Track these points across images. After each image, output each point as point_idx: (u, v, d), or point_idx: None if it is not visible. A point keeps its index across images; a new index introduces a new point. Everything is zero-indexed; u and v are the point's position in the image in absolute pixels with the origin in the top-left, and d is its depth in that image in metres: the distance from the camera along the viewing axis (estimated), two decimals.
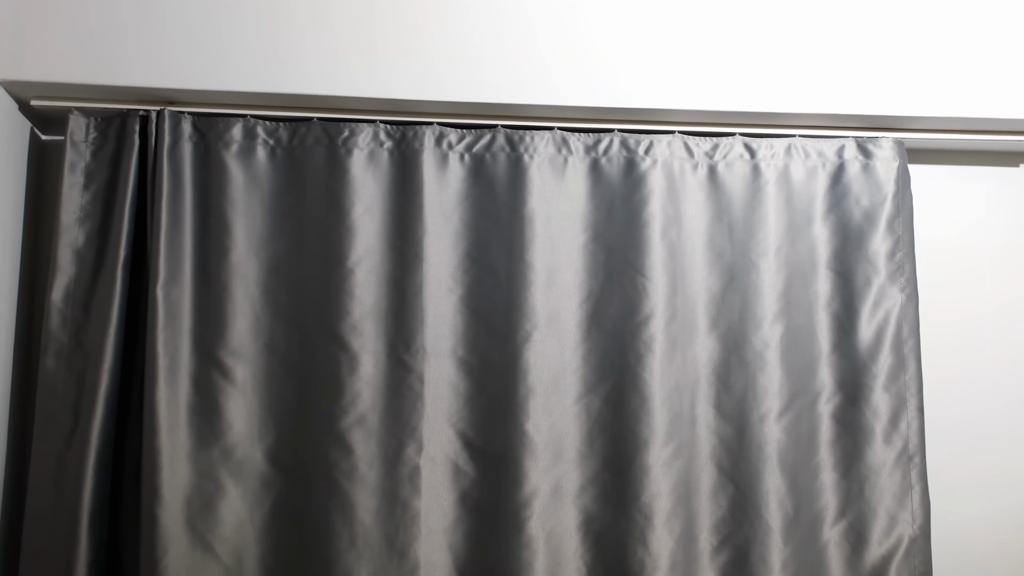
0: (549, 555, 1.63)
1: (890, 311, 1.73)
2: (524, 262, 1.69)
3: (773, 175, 1.76)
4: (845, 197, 1.77)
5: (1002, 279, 1.91)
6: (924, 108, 1.74)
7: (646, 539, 1.63)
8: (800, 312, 1.74)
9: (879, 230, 1.75)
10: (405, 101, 1.69)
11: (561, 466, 1.66)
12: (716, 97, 1.71)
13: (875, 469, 1.69)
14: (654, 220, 1.71)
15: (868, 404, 1.71)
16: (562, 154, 1.74)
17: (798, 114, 1.74)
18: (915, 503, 1.68)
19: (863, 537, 1.67)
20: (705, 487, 1.68)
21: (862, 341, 1.73)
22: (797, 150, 1.78)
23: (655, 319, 1.68)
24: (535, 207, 1.70)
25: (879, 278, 1.74)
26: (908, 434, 1.70)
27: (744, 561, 1.65)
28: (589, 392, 1.69)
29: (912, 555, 1.66)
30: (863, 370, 1.72)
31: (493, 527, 1.64)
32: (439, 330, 1.68)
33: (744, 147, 1.77)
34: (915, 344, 1.73)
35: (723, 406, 1.71)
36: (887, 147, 1.78)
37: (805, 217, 1.76)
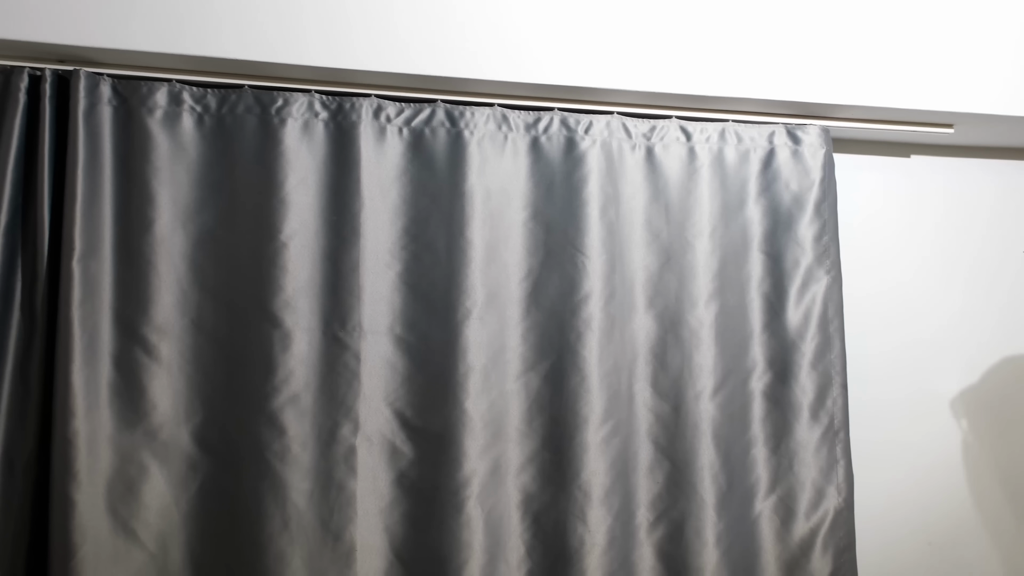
0: (489, 535, 1.66)
1: (817, 292, 1.84)
2: (464, 239, 1.71)
3: (708, 158, 1.84)
4: (775, 181, 1.86)
5: (912, 263, 2.06)
6: (847, 97, 1.85)
7: (585, 516, 1.68)
8: (733, 292, 1.82)
9: (807, 214, 1.86)
10: (342, 71, 1.69)
11: (500, 445, 1.69)
12: (654, 79, 1.78)
13: (803, 444, 1.79)
14: (593, 199, 1.77)
15: (797, 382, 1.81)
16: (502, 131, 1.77)
17: (731, 98, 1.83)
18: (840, 477, 1.79)
19: (792, 510, 1.77)
20: (642, 464, 1.75)
21: (791, 321, 1.83)
22: (730, 134, 1.86)
23: (594, 298, 1.74)
24: (475, 184, 1.73)
25: (807, 260, 1.85)
26: (834, 410, 1.81)
27: (680, 535, 1.73)
28: (529, 370, 1.73)
29: (837, 527, 1.78)
30: (792, 349, 1.82)
31: (431, 508, 1.66)
32: (376, 307, 1.69)
33: (680, 130, 1.85)
34: (840, 324, 1.84)
35: (660, 384, 1.78)
36: (814, 134, 1.89)
37: (738, 200, 1.85)
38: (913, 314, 2.05)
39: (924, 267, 2.07)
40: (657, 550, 1.73)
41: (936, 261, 2.08)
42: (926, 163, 2.10)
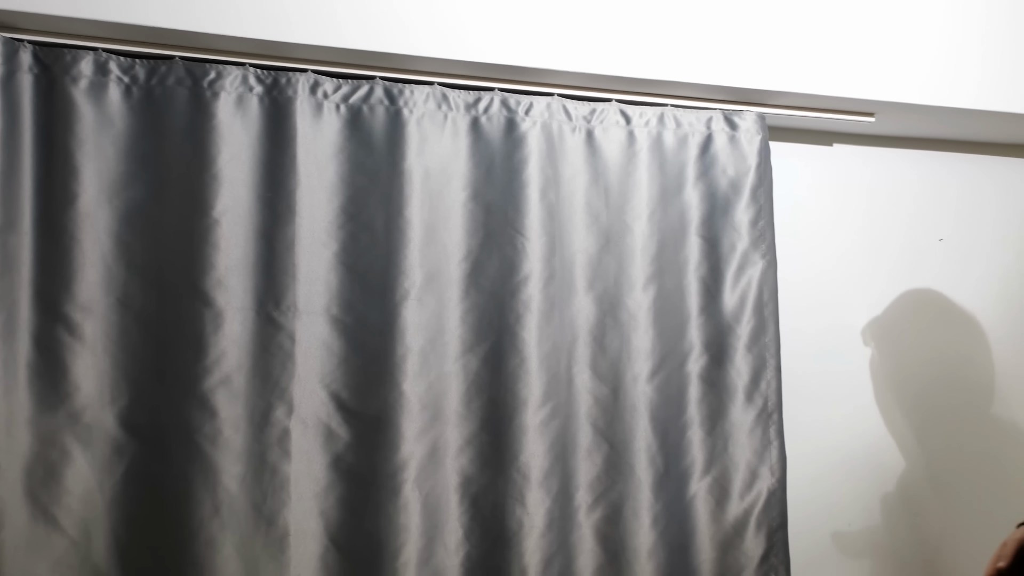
0: (427, 518, 1.67)
1: (753, 276, 1.89)
2: (403, 218, 1.71)
3: (647, 142, 1.88)
4: (713, 166, 1.91)
5: (837, 250, 2.14)
6: (776, 83, 1.92)
7: (524, 499, 1.70)
8: (671, 276, 1.86)
9: (743, 199, 1.91)
10: (277, 43, 1.68)
11: (438, 427, 1.70)
12: (594, 60, 1.81)
13: (738, 426, 1.84)
14: (533, 181, 1.79)
15: (732, 364, 1.86)
16: (442, 110, 1.77)
17: (670, 82, 1.86)
18: (773, 458, 1.85)
19: (727, 491, 1.82)
20: (581, 446, 1.78)
21: (727, 305, 1.88)
22: (669, 119, 1.90)
23: (534, 279, 1.76)
24: (414, 163, 1.73)
25: (743, 245, 1.90)
26: (768, 393, 1.87)
27: (618, 517, 1.76)
28: (467, 352, 1.74)
29: (771, 507, 1.83)
30: (728, 332, 1.87)
31: (368, 492, 1.66)
32: (312, 287, 1.68)
33: (620, 113, 1.88)
34: (774, 308, 1.90)
35: (598, 367, 1.81)
36: (750, 120, 1.94)
37: (676, 184, 1.89)
38: (838, 300, 2.13)
39: (849, 254, 2.15)
40: (595, 532, 1.76)
41: (861, 248, 2.16)
42: (849, 152, 2.18)
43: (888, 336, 2.15)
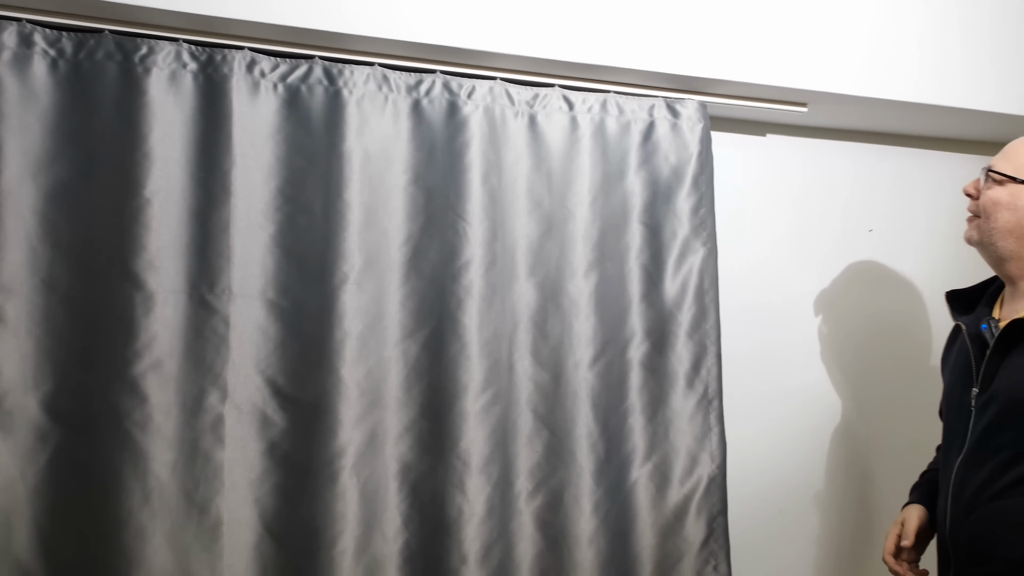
0: (364, 506, 1.66)
1: (694, 264, 1.93)
2: (342, 201, 1.70)
3: (589, 128, 1.90)
4: (655, 154, 1.94)
5: (771, 239, 2.19)
6: (710, 71, 1.95)
7: (464, 486, 1.71)
8: (613, 263, 1.88)
9: (685, 187, 1.94)
10: (212, 19, 1.65)
11: (377, 414, 1.70)
12: (537, 44, 1.82)
13: (679, 412, 1.87)
14: (475, 165, 1.80)
15: (673, 351, 1.89)
16: (383, 92, 1.76)
17: (613, 68, 1.88)
18: (713, 444, 1.88)
19: (667, 477, 1.85)
20: (522, 433, 1.79)
21: (668, 292, 1.91)
22: (612, 105, 1.92)
23: (475, 265, 1.76)
24: (354, 145, 1.73)
25: (684, 232, 1.93)
26: (708, 379, 1.90)
27: (559, 503, 1.78)
28: (407, 337, 1.73)
29: (711, 492, 1.86)
30: (669, 319, 1.90)
31: (304, 479, 1.65)
32: (248, 270, 1.66)
33: (563, 99, 1.90)
34: (715, 295, 1.94)
35: (540, 353, 1.82)
36: (692, 108, 1.97)
37: (618, 171, 1.91)
38: (772, 290, 2.17)
39: (782, 244, 2.20)
40: (536, 519, 1.77)
41: (794, 238, 2.21)
42: (782, 142, 2.23)
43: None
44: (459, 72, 1.84)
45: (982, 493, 1.49)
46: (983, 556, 1.49)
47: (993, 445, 1.50)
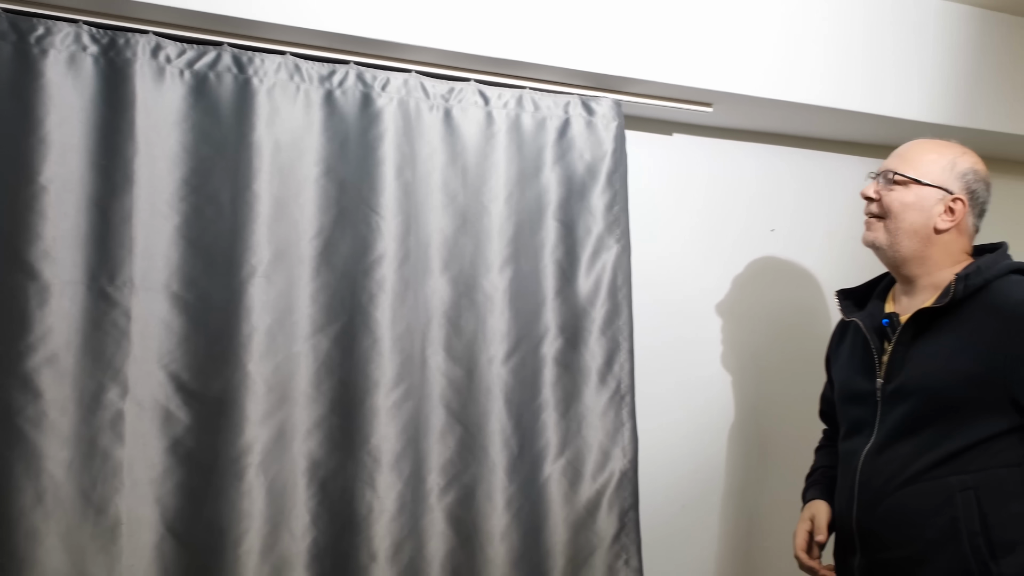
0: (271, 504, 1.65)
1: (607, 261, 1.97)
2: (251, 192, 1.69)
3: (505, 124, 1.92)
4: (570, 151, 1.97)
5: (678, 237, 2.25)
6: (629, 71, 1.99)
7: (374, 482, 1.71)
8: (527, 258, 1.91)
9: (599, 184, 1.98)
10: (115, 0, 1.59)
11: (286, 410, 1.69)
12: (453, 38, 1.82)
13: (591, 408, 1.91)
14: (389, 158, 1.80)
15: (587, 347, 1.92)
16: (294, 81, 1.75)
17: (529, 64, 1.90)
18: (625, 439, 1.92)
19: (580, 472, 1.88)
20: (434, 429, 1.80)
21: (582, 288, 1.94)
22: (527, 102, 1.95)
23: (388, 259, 1.77)
24: (263, 135, 1.72)
25: (598, 229, 1.97)
26: (621, 375, 1.94)
27: (471, 499, 1.79)
28: (318, 332, 1.73)
29: (622, 487, 1.90)
30: (583, 315, 1.93)
31: (209, 477, 1.63)
32: (151, 262, 1.63)
33: (479, 94, 1.91)
34: (628, 292, 1.98)
35: (453, 348, 1.83)
36: (607, 106, 2.01)
37: (534, 167, 1.94)
38: (679, 287, 2.23)
39: (689, 242, 2.26)
40: (448, 515, 1.79)
41: (700, 236, 2.28)
42: (688, 142, 2.29)
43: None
44: (373, 64, 1.84)
45: (895, 479, 1.57)
46: (897, 540, 1.57)
47: (905, 433, 1.58)
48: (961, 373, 1.54)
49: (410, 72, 1.86)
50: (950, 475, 1.53)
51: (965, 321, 1.56)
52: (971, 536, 1.50)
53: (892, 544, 1.58)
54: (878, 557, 1.60)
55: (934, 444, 1.55)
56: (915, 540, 1.55)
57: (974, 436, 1.53)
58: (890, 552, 1.58)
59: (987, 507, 1.51)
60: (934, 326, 1.59)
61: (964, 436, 1.53)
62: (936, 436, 1.55)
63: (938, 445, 1.55)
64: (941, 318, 1.58)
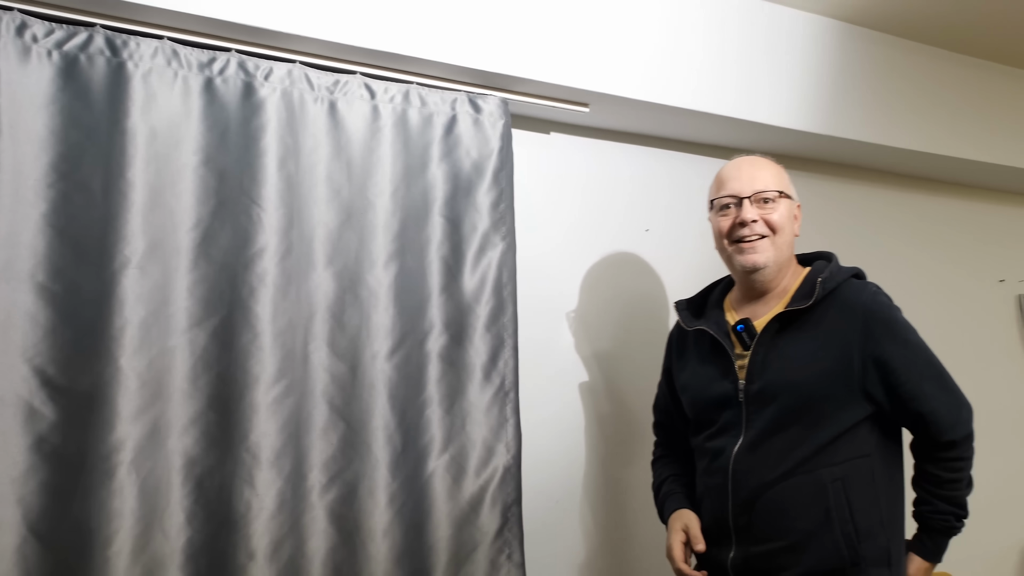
0: (144, 503, 1.62)
1: (493, 258, 2.01)
2: (124, 180, 1.66)
3: (391, 118, 1.94)
4: (457, 147, 2.00)
5: (556, 235, 2.32)
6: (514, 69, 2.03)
7: (253, 480, 1.69)
8: (413, 254, 1.93)
9: (486, 181, 2.02)
10: None
11: (160, 405, 1.66)
12: (339, 29, 1.84)
13: (475, 404, 1.94)
14: (272, 150, 1.80)
15: (472, 344, 1.95)
16: (172, 67, 1.72)
17: (416, 59, 1.93)
18: (509, 435, 1.96)
19: (463, 468, 1.91)
20: (316, 425, 1.80)
21: (468, 285, 1.97)
22: (414, 97, 1.97)
23: (269, 252, 1.76)
24: (138, 121, 1.69)
25: (484, 226, 2.01)
26: (505, 372, 1.98)
27: (353, 496, 1.80)
28: (195, 326, 1.70)
29: (506, 483, 1.94)
30: (468, 312, 1.96)
31: (77, 476, 1.58)
32: (14, 251, 1.59)
33: (365, 87, 1.92)
34: (513, 289, 2.03)
35: (336, 344, 1.83)
36: (494, 104, 2.06)
37: (420, 163, 1.96)
38: (557, 285, 2.29)
39: (566, 241, 2.32)
40: (329, 512, 1.79)
41: (577, 235, 2.34)
42: (565, 141, 2.36)
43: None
44: (256, 53, 1.82)
45: (770, 475, 1.66)
46: (775, 532, 1.65)
47: (776, 430, 1.67)
48: (822, 370, 1.66)
49: (294, 63, 1.85)
50: (821, 468, 1.64)
51: (820, 322, 1.69)
52: (842, 523, 1.62)
53: (770, 536, 1.66)
54: (754, 550, 1.68)
55: (803, 439, 1.65)
56: (792, 531, 1.64)
57: (838, 428, 1.65)
58: (767, 544, 1.66)
59: (852, 496, 1.64)
60: (792, 327, 1.70)
61: (829, 429, 1.65)
62: (804, 431, 1.65)
63: (807, 440, 1.65)
64: (798, 320, 1.70)
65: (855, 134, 2.54)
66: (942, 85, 2.74)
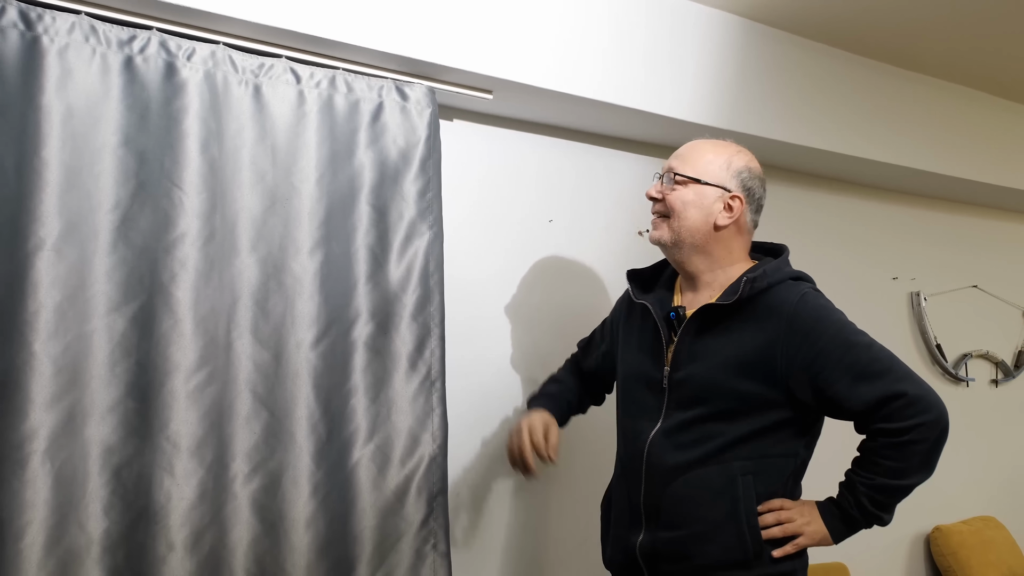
0: (59, 493, 1.61)
1: (420, 247, 2.05)
2: (39, 159, 1.65)
3: (317, 104, 1.96)
4: (383, 135, 2.03)
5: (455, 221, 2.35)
6: (455, 60, 2.06)
7: (173, 469, 1.70)
8: (339, 242, 1.95)
9: (412, 170, 2.06)
10: None
11: (76, 393, 1.65)
12: (264, 11, 1.84)
13: (401, 393, 1.98)
14: (194, 132, 1.81)
15: (398, 333, 1.99)
16: (90, 43, 1.72)
17: (343, 44, 1.95)
18: (435, 424, 2.01)
19: (389, 457, 1.95)
20: (239, 414, 1.81)
21: (394, 274, 2.01)
22: (340, 83, 2.00)
23: (191, 236, 1.77)
24: (53, 99, 1.67)
25: (411, 215, 2.04)
26: (431, 361, 2.02)
27: (276, 486, 1.82)
28: (113, 311, 1.70)
29: (431, 472, 1.99)
30: (394, 300, 2.00)
31: None
32: None
33: (290, 71, 1.94)
34: (440, 278, 2.07)
35: (260, 332, 1.85)
36: (421, 92, 2.10)
37: (347, 150, 1.99)
38: (463, 274, 2.34)
39: (465, 228, 2.36)
40: (252, 502, 1.80)
41: (479, 224, 2.39)
42: (468, 128, 2.39)
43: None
44: (178, 32, 1.82)
45: (682, 462, 1.72)
46: (683, 520, 1.71)
47: (693, 420, 1.72)
48: (743, 367, 1.69)
49: (218, 44, 1.86)
50: (734, 460, 1.69)
51: (747, 320, 1.72)
52: (748, 517, 1.68)
53: (678, 523, 1.72)
54: (661, 536, 1.74)
55: (719, 432, 1.70)
56: (699, 520, 1.70)
57: (755, 425, 1.69)
58: (675, 531, 1.72)
59: (761, 491, 1.70)
60: (718, 321, 1.74)
61: (746, 425, 1.69)
62: (720, 424, 1.70)
63: (722, 433, 1.70)
64: (725, 314, 1.73)
65: (756, 130, 2.62)
66: (843, 85, 2.85)
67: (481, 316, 2.34)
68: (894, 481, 1.66)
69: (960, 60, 2.98)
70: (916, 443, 1.64)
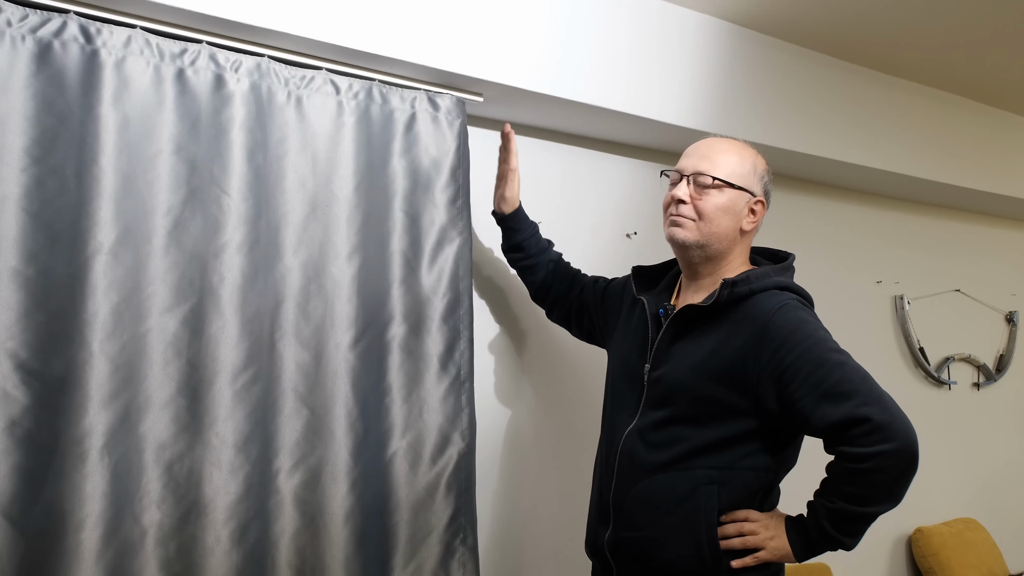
0: (115, 487, 1.67)
1: (450, 252, 2.13)
2: (97, 166, 1.71)
3: (355, 115, 2.04)
4: (416, 144, 2.11)
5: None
6: (488, 73, 2.14)
7: (221, 464, 1.77)
8: (375, 247, 2.03)
9: (443, 178, 2.14)
10: None
11: (131, 390, 1.72)
12: (307, 25, 1.91)
13: (432, 393, 2.06)
14: (241, 141, 1.86)
15: (429, 335, 2.07)
16: (144, 56, 1.78)
17: (379, 56, 2.02)
18: (464, 424, 2.08)
19: (420, 455, 2.02)
20: (282, 412, 1.89)
21: (425, 278, 2.09)
22: (377, 94, 2.07)
23: (239, 241, 1.83)
24: (111, 109, 1.73)
25: (442, 221, 2.12)
26: (461, 362, 2.10)
27: (316, 481, 1.89)
28: (166, 312, 1.76)
29: (460, 470, 2.07)
30: (426, 304, 2.08)
31: (50, 459, 1.63)
32: None
33: (330, 83, 2.01)
34: (469, 283, 2.15)
35: (302, 333, 1.92)
36: (451, 103, 2.17)
37: (382, 159, 2.07)
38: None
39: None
40: (294, 497, 1.87)
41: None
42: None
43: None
44: (225, 45, 1.89)
45: (650, 463, 1.73)
46: (644, 521, 1.73)
47: (664, 421, 1.73)
48: (714, 373, 1.68)
49: (263, 56, 1.93)
50: (699, 468, 1.68)
51: (725, 324, 1.70)
52: (708, 527, 1.67)
53: (639, 524, 1.73)
54: (624, 535, 1.76)
55: (684, 436, 1.70)
56: (658, 523, 1.70)
57: (722, 433, 1.68)
58: (636, 531, 1.74)
59: (726, 503, 1.68)
60: (699, 324, 1.74)
61: (713, 432, 1.68)
62: (686, 429, 1.70)
63: (688, 438, 1.69)
64: (706, 317, 1.73)
65: (743, 134, 2.61)
66: (828, 90, 2.92)
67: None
68: (854, 507, 1.60)
69: (943, 66, 3.07)
70: (876, 472, 1.57)
